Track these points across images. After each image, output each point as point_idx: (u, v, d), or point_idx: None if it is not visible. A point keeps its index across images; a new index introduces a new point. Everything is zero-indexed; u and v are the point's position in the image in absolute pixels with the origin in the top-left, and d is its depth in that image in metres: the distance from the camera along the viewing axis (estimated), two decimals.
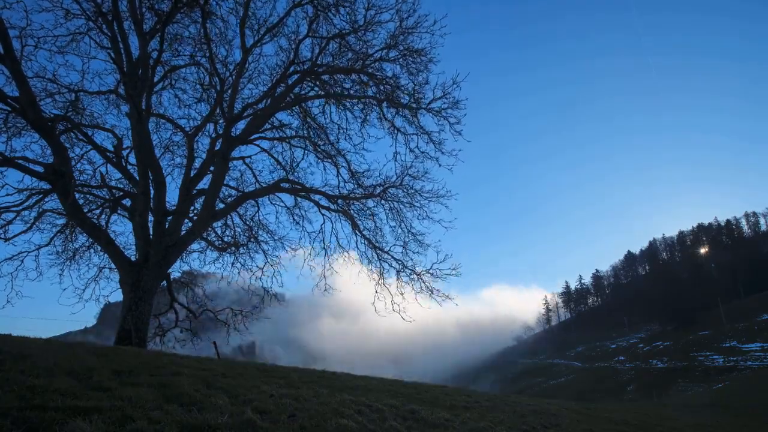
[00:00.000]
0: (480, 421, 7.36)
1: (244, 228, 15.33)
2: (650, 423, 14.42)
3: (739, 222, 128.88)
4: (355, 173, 14.27)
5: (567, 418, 10.65)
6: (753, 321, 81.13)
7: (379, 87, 13.53)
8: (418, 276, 13.74)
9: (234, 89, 13.19)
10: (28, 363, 4.94)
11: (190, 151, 13.69)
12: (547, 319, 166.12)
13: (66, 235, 13.94)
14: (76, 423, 3.37)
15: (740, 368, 64.91)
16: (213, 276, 16.05)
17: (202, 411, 4.34)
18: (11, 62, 9.87)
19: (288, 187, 14.33)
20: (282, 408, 5.17)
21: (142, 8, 12.19)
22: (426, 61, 12.93)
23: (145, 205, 12.22)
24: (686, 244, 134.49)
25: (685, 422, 17.75)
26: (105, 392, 4.36)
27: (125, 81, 11.80)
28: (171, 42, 13.22)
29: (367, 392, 7.86)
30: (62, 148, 11.15)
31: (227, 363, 8.68)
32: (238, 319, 15.00)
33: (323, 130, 14.43)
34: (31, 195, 12.57)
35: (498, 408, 9.64)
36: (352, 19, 12.77)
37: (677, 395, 58.10)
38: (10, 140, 11.76)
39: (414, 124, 13.54)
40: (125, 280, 11.41)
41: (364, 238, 14.25)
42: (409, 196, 13.77)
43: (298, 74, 13.64)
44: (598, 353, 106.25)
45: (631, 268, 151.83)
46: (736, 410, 30.54)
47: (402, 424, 5.95)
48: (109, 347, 8.17)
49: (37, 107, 10.53)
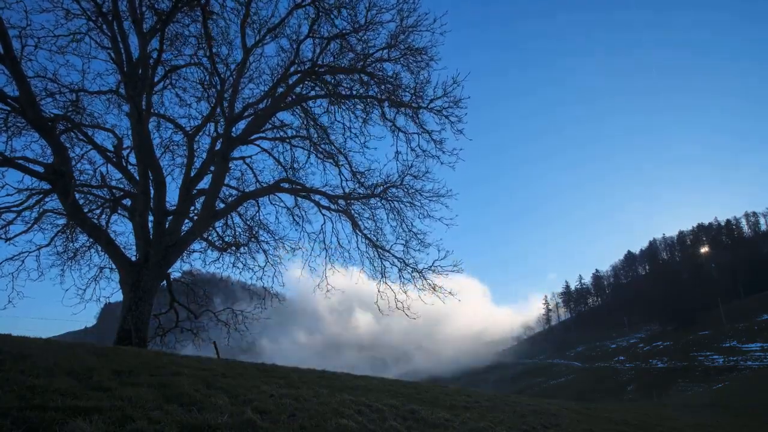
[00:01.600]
0: (480, 421, 7.36)
1: (245, 228, 15.35)
2: (650, 423, 14.42)
3: (739, 222, 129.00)
4: (356, 173, 14.29)
5: (567, 418, 10.65)
6: (753, 321, 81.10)
7: (380, 86, 13.53)
8: (420, 273, 13.77)
9: (235, 89, 13.19)
10: (28, 363, 4.93)
11: (190, 151, 13.69)
12: (547, 319, 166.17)
13: (67, 235, 13.95)
14: (76, 423, 3.37)
15: (740, 368, 64.86)
16: (213, 276, 16.08)
17: (202, 411, 4.34)
18: (11, 62, 9.87)
19: (288, 187, 14.34)
20: (282, 408, 5.17)
21: (142, 8, 12.18)
22: (427, 59, 12.94)
23: (145, 205, 12.22)
24: (686, 244, 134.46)
25: (685, 422, 17.74)
26: (105, 392, 4.36)
27: (125, 81, 11.79)
28: (171, 42, 13.21)
29: (367, 392, 7.86)
30: (62, 148, 11.15)
31: (227, 363, 8.67)
32: (238, 320, 14.99)
33: (324, 130, 14.44)
34: (32, 195, 12.57)
35: (498, 408, 9.64)
36: (353, 19, 12.78)
37: (677, 395, 58.09)
38: (10, 140, 11.77)
39: (415, 123, 13.57)
40: (125, 280, 11.40)
41: (365, 238, 14.27)
42: (410, 196, 13.79)
43: (299, 74, 13.64)
44: (598, 353, 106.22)
45: (631, 268, 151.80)
46: (736, 410, 30.53)
47: (402, 424, 5.95)
48: (109, 347, 8.17)
49: (37, 107, 10.53)
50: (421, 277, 13.73)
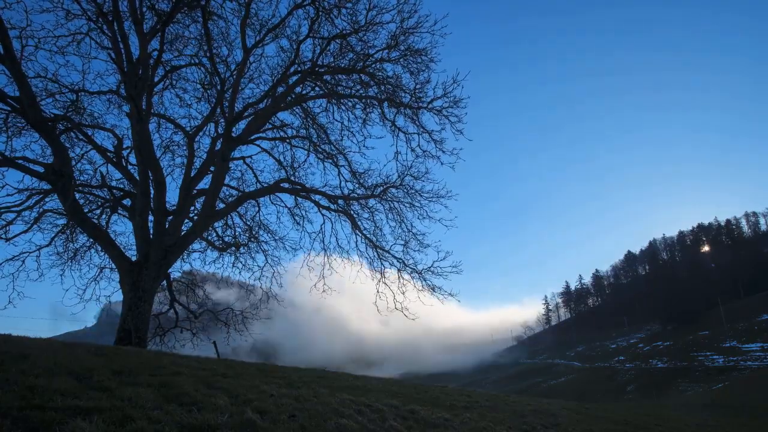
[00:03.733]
0: (480, 421, 7.36)
1: (245, 228, 15.35)
2: (650, 423, 14.41)
3: (739, 222, 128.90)
4: (356, 173, 14.29)
5: (567, 418, 10.66)
6: (753, 321, 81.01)
7: (380, 87, 13.55)
8: (419, 274, 13.79)
9: (235, 89, 13.19)
10: (28, 363, 4.93)
11: (190, 151, 13.69)
12: (547, 319, 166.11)
13: (67, 235, 13.95)
14: (76, 423, 3.37)
15: (740, 368, 64.82)
16: (214, 276, 16.09)
17: (202, 411, 4.34)
18: (11, 62, 9.86)
19: (288, 188, 14.35)
20: (282, 408, 5.17)
21: (142, 8, 12.18)
22: (427, 60, 12.95)
23: (145, 205, 12.22)
24: (686, 244, 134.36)
25: (685, 422, 17.73)
26: (105, 392, 4.36)
27: (126, 81, 11.79)
28: (171, 42, 13.22)
29: (367, 392, 7.86)
30: (62, 148, 11.14)
31: (227, 363, 8.68)
32: (238, 320, 15.00)
33: (324, 130, 14.45)
34: (32, 195, 12.58)
35: (498, 408, 9.64)
36: (353, 20, 12.78)
37: (677, 395, 58.07)
38: (10, 140, 11.77)
39: (415, 123, 13.58)
40: (125, 280, 11.40)
41: (364, 238, 14.29)
42: (410, 197, 13.82)
43: (299, 74, 13.64)
44: (598, 353, 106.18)
45: (631, 268, 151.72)
46: (736, 410, 30.53)
47: (402, 424, 5.96)
48: (109, 347, 8.17)
49: (38, 107, 10.52)
50: (421, 277, 13.76)
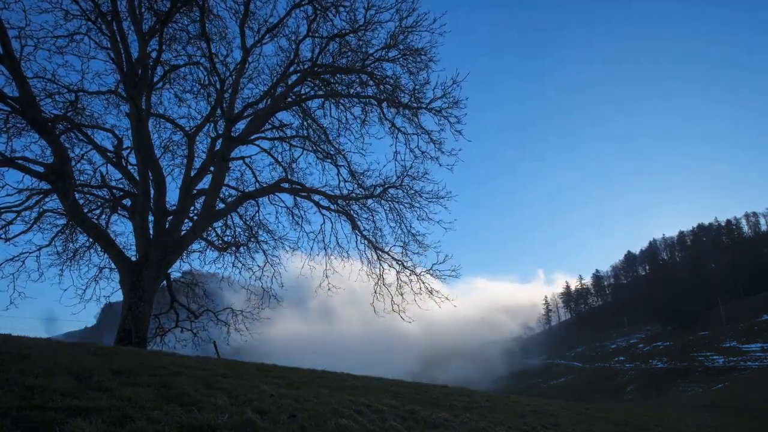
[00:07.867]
0: (480, 422, 7.36)
1: (244, 228, 15.34)
2: (650, 423, 14.41)
3: (739, 222, 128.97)
4: (355, 173, 14.28)
5: (566, 418, 10.65)
6: (753, 321, 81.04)
7: (379, 87, 13.53)
8: (418, 276, 13.77)
9: (234, 89, 13.19)
10: (28, 363, 4.93)
11: (190, 151, 13.68)
12: (547, 319, 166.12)
13: (66, 235, 13.94)
14: (76, 423, 3.37)
15: (740, 368, 64.91)
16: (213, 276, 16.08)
17: (202, 411, 4.34)
18: (10, 62, 9.86)
19: (288, 187, 14.34)
20: (282, 408, 5.17)
21: (141, 8, 12.19)
22: (426, 60, 12.94)
23: (145, 205, 12.22)
24: (686, 244, 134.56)
25: (686, 422, 17.73)
26: (105, 392, 4.35)
27: (125, 81, 11.79)
28: (170, 42, 13.21)
29: (367, 392, 7.86)
30: (62, 148, 11.14)
31: (227, 363, 8.68)
32: (238, 320, 14.98)
33: (323, 130, 14.44)
34: (32, 195, 12.57)
35: (498, 408, 9.64)
36: (351, 19, 12.78)
37: (677, 395, 58.12)
38: (10, 140, 11.76)
39: (414, 123, 13.56)
40: (125, 280, 11.40)
41: (364, 238, 14.27)
42: (409, 197, 13.79)
43: (299, 74, 13.64)
44: (598, 353, 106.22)
45: (631, 268, 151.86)
46: (736, 410, 30.54)
47: (402, 424, 5.95)
48: (109, 347, 8.17)
49: (37, 107, 10.52)
50: (419, 280, 13.75)
